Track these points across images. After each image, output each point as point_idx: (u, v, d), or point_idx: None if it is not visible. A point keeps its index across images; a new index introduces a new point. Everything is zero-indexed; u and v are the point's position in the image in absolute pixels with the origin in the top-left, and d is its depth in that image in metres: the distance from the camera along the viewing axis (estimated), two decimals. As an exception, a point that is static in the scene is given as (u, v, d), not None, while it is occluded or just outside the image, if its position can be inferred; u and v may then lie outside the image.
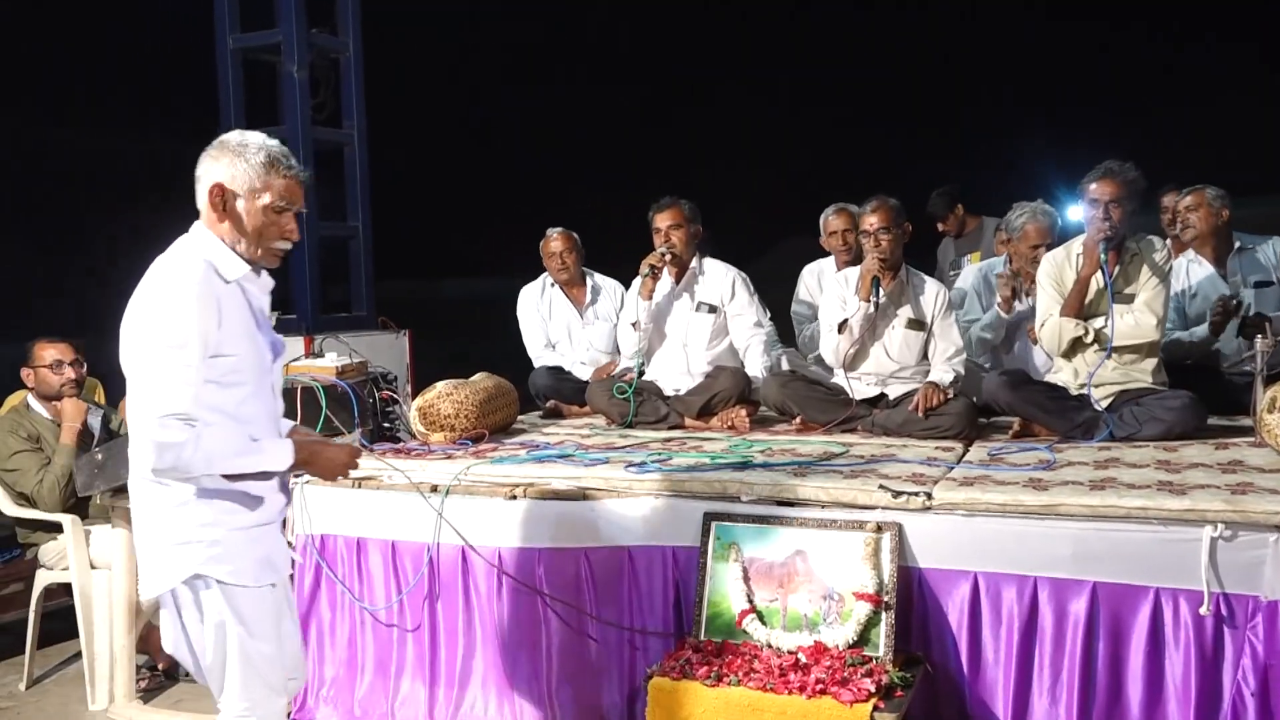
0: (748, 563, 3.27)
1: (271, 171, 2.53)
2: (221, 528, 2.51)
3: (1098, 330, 4.16)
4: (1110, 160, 4.14)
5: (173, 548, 2.50)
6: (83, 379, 4.61)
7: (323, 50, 7.55)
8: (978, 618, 3.12)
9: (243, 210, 2.52)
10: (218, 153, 2.54)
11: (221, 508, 2.51)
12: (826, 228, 5.56)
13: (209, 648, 2.55)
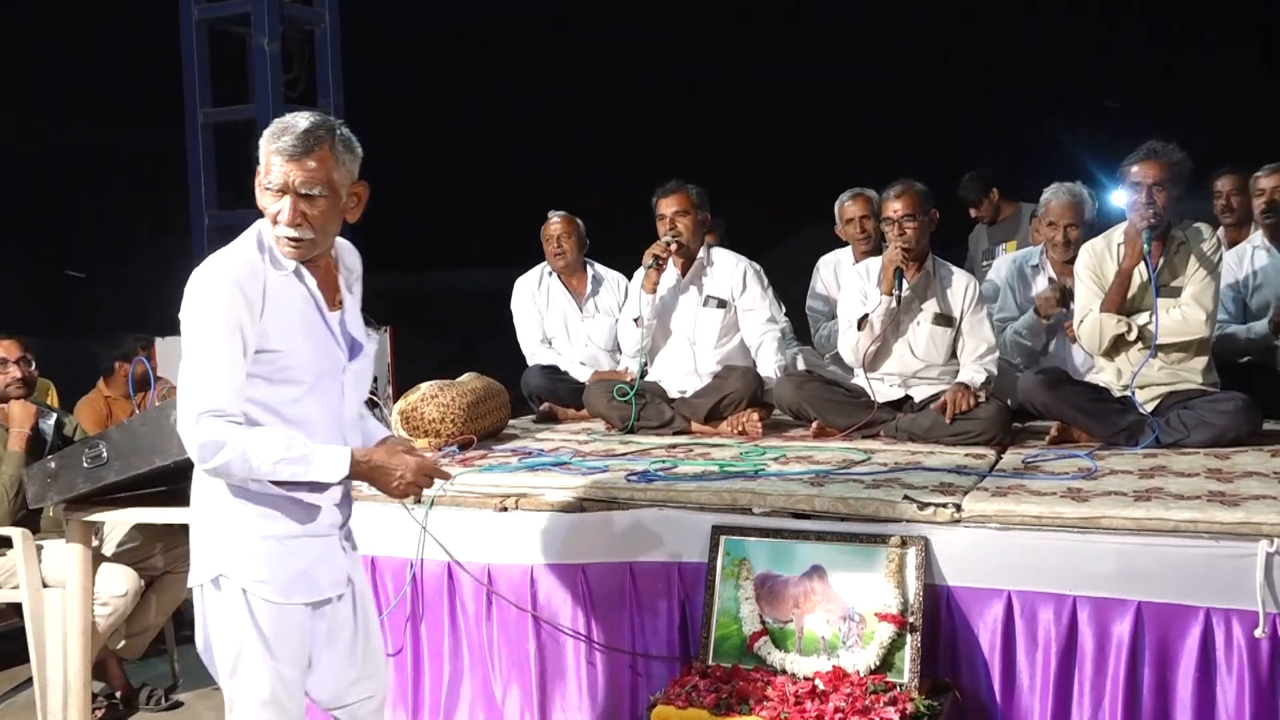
0: (760, 581, 3.26)
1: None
2: (253, 534, 2.55)
3: (1141, 327, 4.15)
4: (1153, 140, 4.12)
5: (206, 543, 2.58)
6: (31, 379, 4.60)
7: (296, 21, 7.55)
8: (1011, 640, 3.11)
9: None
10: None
11: (258, 512, 2.54)
12: (843, 215, 5.55)
13: (225, 655, 2.59)
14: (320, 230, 2.55)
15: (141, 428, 3.76)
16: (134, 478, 3.83)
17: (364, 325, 2.77)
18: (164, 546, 4.53)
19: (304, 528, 2.59)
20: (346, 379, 2.67)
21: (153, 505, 4.03)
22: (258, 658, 2.57)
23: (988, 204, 6.75)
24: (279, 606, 2.57)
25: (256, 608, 2.56)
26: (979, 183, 6.78)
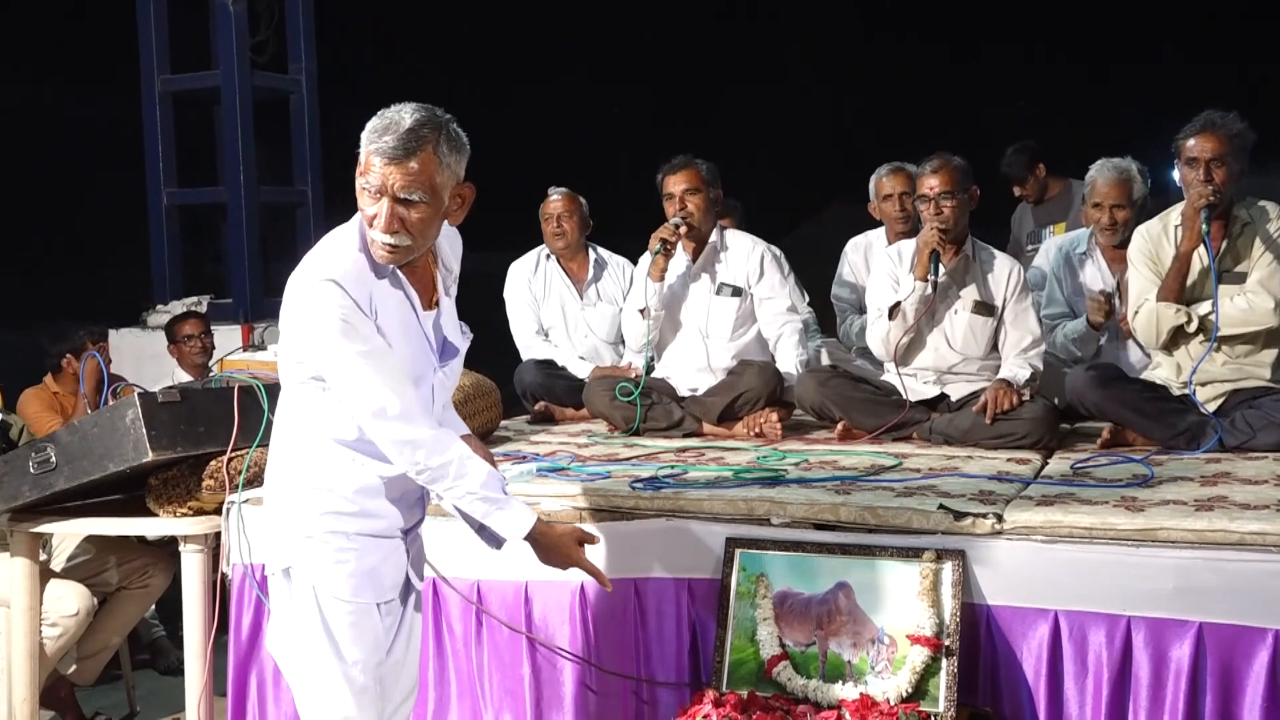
0: (779, 599, 3.27)
1: (366, 141, 2.62)
2: (321, 528, 2.71)
3: (1202, 317, 4.15)
4: (1210, 111, 4.12)
5: (280, 531, 2.78)
6: None
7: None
8: (1059, 665, 3.12)
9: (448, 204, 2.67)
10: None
11: (329, 506, 2.72)
12: (879, 190, 5.55)
13: (293, 652, 2.77)
14: (419, 236, 2.65)
15: (94, 429, 3.78)
16: (85, 485, 3.86)
17: (459, 326, 2.93)
18: (118, 560, 4.56)
19: (375, 526, 2.76)
20: (436, 380, 2.84)
21: (106, 515, 4.05)
22: (326, 657, 2.72)
23: (1033, 181, 6.72)
24: (348, 605, 2.72)
25: (326, 606, 2.72)
26: (1023, 157, 6.75)
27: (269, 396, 3.96)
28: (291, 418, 2.81)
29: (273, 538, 2.84)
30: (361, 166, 2.62)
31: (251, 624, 3.89)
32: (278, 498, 2.82)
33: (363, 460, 2.75)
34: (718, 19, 15.10)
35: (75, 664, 4.50)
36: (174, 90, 7.64)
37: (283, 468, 2.82)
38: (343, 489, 2.74)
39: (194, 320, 5.89)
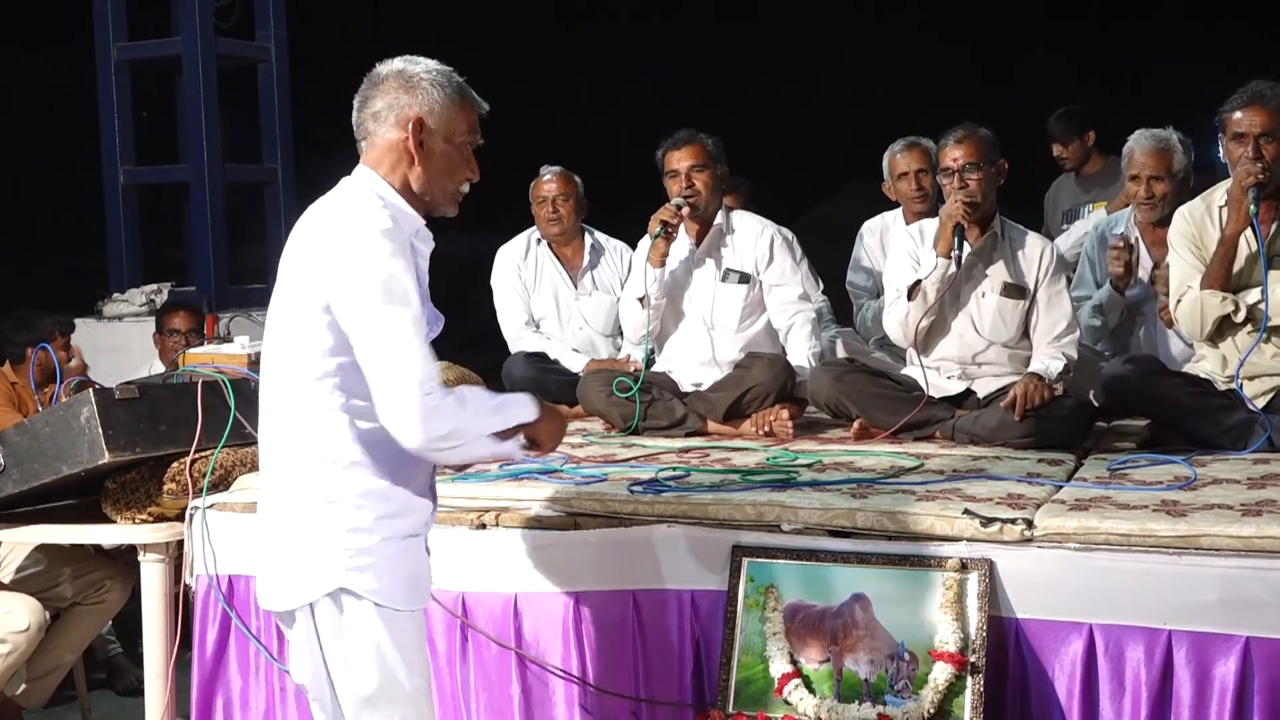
0: (790, 612, 3.28)
1: (464, 101, 2.84)
2: (374, 535, 2.72)
3: (1250, 305, 4.16)
4: (1258, 81, 4.12)
5: (314, 555, 2.72)
6: None
7: (227, -64, 7.57)
8: (1093, 684, 3.13)
9: (440, 149, 2.81)
10: (402, 83, 2.80)
11: (377, 510, 2.73)
12: (893, 169, 5.56)
13: (355, 682, 2.73)
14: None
15: (45, 429, 3.79)
16: (37, 489, 3.87)
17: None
18: (73, 573, 4.57)
19: (413, 525, 2.81)
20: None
21: (59, 523, 4.06)
22: (398, 679, 2.75)
23: (1078, 145, 6.63)
24: (405, 615, 2.76)
25: (388, 621, 2.73)
26: (1074, 119, 6.67)
27: (235, 392, 3.97)
28: (309, 417, 2.73)
29: (308, 561, 2.73)
30: (472, 122, 2.86)
31: (217, 640, 3.90)
32: (314, 511, 2.73)
33: (394, 449, 2.73)
34: (726, 17, 15.07)
35: (25, 684, 4.51)
36: (131, 59, 7.64)
37: (308, 478, 2.74)
38: (385, 487, 2.75)
39: (183, 313, 5.84)
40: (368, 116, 2.82)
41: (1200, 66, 11.43)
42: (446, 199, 2.87)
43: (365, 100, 2.83)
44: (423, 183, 2.82)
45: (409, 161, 2.80)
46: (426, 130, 2.79)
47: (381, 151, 2.81)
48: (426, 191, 2.83)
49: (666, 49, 14.82)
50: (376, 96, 2.81)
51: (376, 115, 2.81)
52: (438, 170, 2.82)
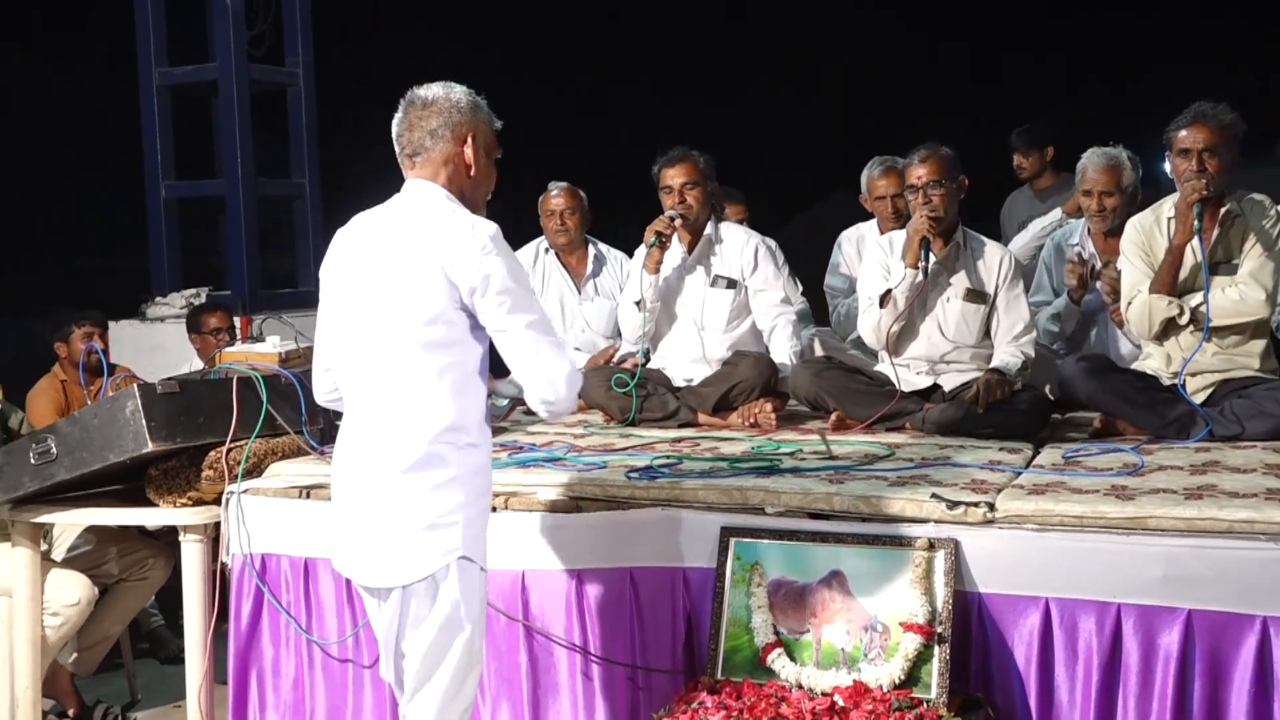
0: (773, 587, 3.28)
1: (492, 120, 3.01)
2: (477, 507, 2.87)
3: (1194, 308, 4.16)
4: (1201, 102, 4.12)
5: (432, 530, 2.78)
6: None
7: (260, -29, 7.55)
8: (1049, 652, 3.13)
9: (482, 162, 2.96)
10: (452, 104, 2.93)
11: (475, 487, 2.86)
12: (871, 190, 5.56)
13: (465, 643, 2.83)
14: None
15: (94, 420, 3.79)
16: (86, 475, 3.87)
17: None
18: (119, 551, 4.57)
19: (490, 494, 3.00)
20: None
21: (106, 506, 4.06)
22: (483, 635, 2.93)
23: (1037, 159, 6.57)
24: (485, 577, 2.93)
25: (483, 583, 2.91)
26: (1036, 135, 6.61)
27: (267, 387, 3.97)
28: (427, 404, 2.79)
29: (428, 536, 2.77)
30: (496, 140, 3.02)
31: (251, 613, 3.90)
32: (430, 488, 2.78)
33: (486, 432, 2.92)
34: (726, 18, 15.01)
35: (76, 653, 4.51)
36: (172, 83, 7.62)
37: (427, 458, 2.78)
38: (484, 463, 2.91)
39: (219, 313, 5.82)
40: (424, 134, 2.91)
41: (1200, 66, 11.32)
42: (481, 204, 2.99)
43: (418, 120, 2.92)
44: (471, 190, 2.95)
45: (465, 172, 2.93)
46: (476, 145, 2.93)
47: (438, 165, 2.91)
48: (472, 198, 2.95)
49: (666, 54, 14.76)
50: (430, 116, 2.90)
51: (433, 132, 2.90)
52: (479, 180, 2.97)
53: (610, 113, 13.64)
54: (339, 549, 2.98)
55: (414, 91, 2.97)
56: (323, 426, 4.16)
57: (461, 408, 2.82)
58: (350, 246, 2.97)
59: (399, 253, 2.83)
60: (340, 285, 2.95)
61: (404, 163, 2.98)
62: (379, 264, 2.86)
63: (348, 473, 2.91)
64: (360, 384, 2.88)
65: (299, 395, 4.04)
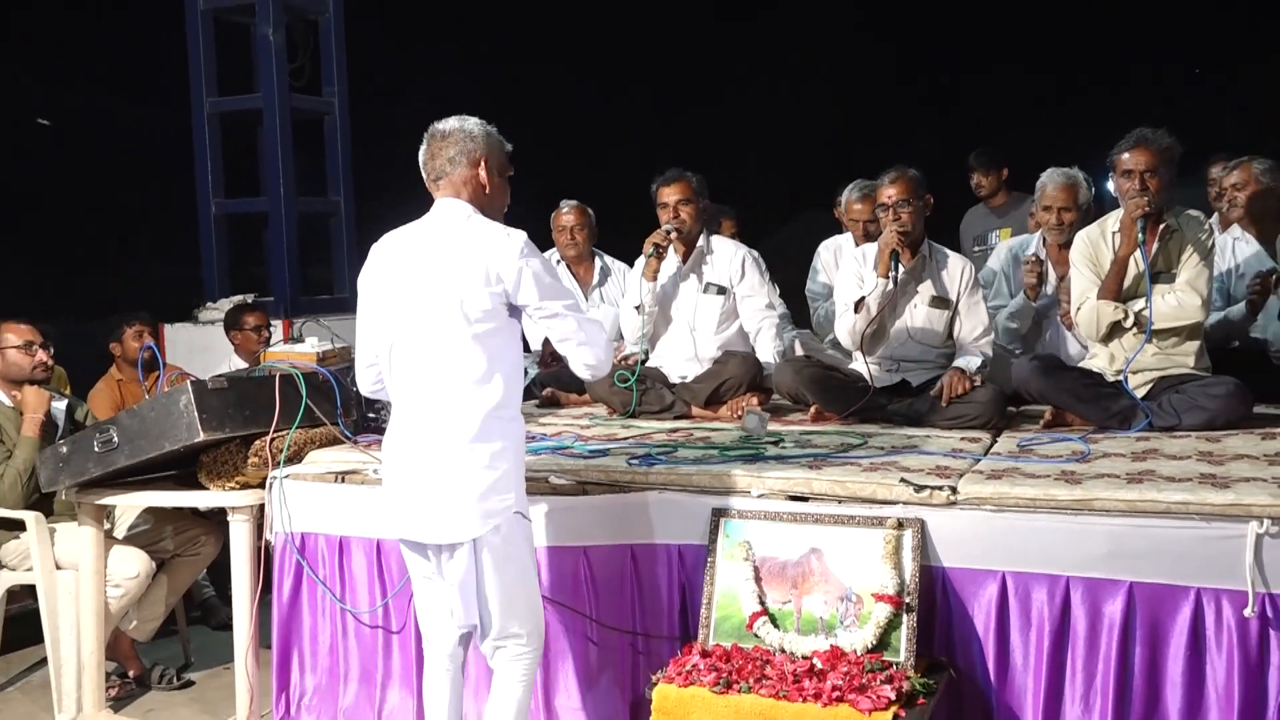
0: (759, 562, 3.29)
1: (504, 144, 3.13)
2: (519, 471, 3.07)
3: (1137, 313, 4.16)
4: (1142, 127, 4.12)
5: (492, 491, 2.96)
6: (52, 365, 4.63)
7: (299, 11, 7.55)
8: (1005, 620, 3.14)
9: (496, 182, 3.10)
10: (466, 134, 3.07)
11: (519, 454, 3.07)
12: (849, 211, 5.56)
13: (524, 586, 3.07)
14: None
15: (151, 413, 3.80)
16: (144, 462, 3.87)
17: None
18: (174, 530, 4.57)
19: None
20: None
21: (164, 489, 4.07)
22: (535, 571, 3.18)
23: (994, 178, 6.57)
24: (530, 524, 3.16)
25: (529, 531, 3.14)
26: (994, 157, 6.61)
27: (306, 384, 3.97)
28: (482, 385, 2.96)
29: (483, 501, 2.96)
30: (509, 161, 3.16)
31: (292, 585, 3.91)
32: (487, 458, 2.96)
33: (519, 406, 3.09)
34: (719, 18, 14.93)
35: (135, 621, 4.52)
36: (221, 111, 7.62)
37: (484, 430, 2.96)
38: (524, 433, 3.12)
39: (258, 313, 5.84)
40: (444, 161, 3.06)
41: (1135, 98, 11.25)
42: (498, 216, 3.13)
43: (439, 149, 3.07)
44: (488, 205, 3.09)
45: (481, 190, 3.08)
46: (489, 167, 3.06)
47: (458, 185, 3.06)
48: (489, 211, 3.09)
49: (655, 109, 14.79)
50: (449, 145, 3.06)
51: (452, 159, 3.05)
52: (494, 196, 3.11)
53: (613, 135, 13.63)
54: (402, 518, 3.07)
55: (434, 126, 3.11)
56: (355, 419, 4.16)
57: (508, 388, 3.00)
58: (393, 257, 3.09)
59: (445, 260, 2.98)
60: (387, 291, 3.07)
61: (430, 186, 3.12)
62: (427, 270, 2.99)
63: (409, 450, 3.04)
64: (418, 373, 3.00)
65: (335, 390, 4.04)
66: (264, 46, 7.35)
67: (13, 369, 4.50)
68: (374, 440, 4.07)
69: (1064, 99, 13.85)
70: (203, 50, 7.49)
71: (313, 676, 3.91)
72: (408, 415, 3.05)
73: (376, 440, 4.06)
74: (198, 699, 4.39)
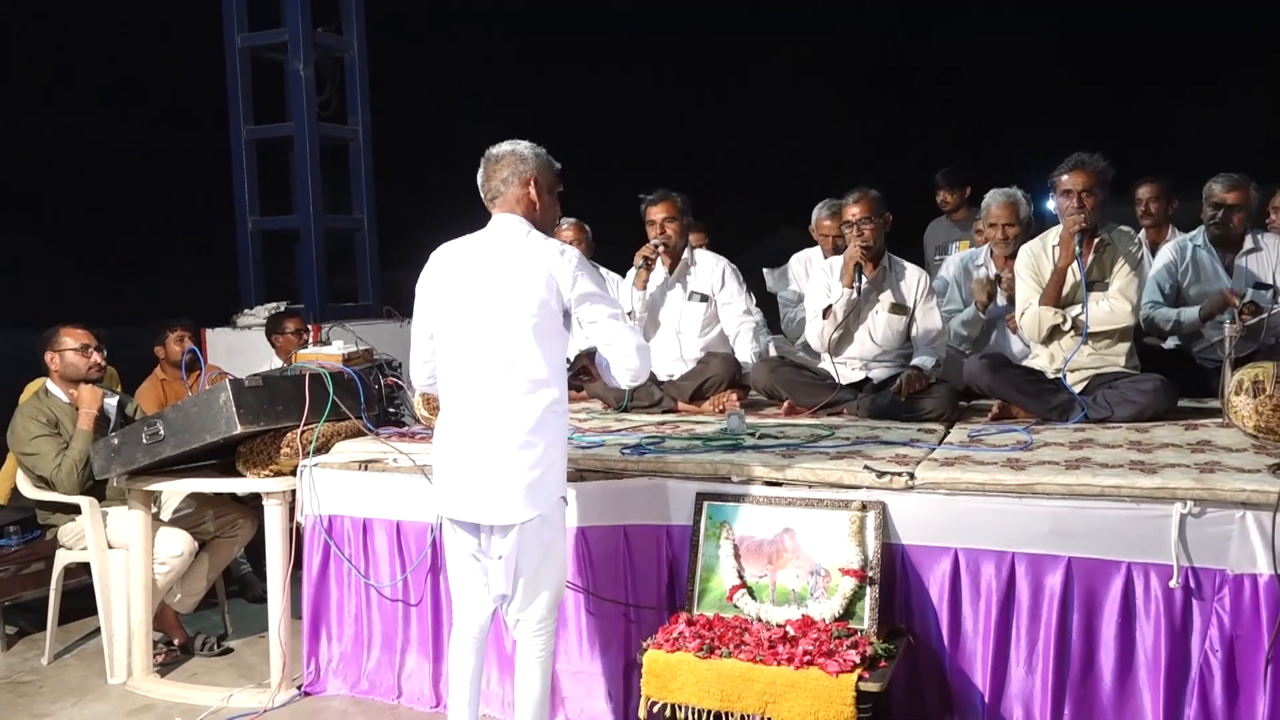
0: (738, 540, 3.29)
1: (552, 164, 3.10)
2: (563, 460, 3.05)
3: (1074, 317, 4.17)
4: (1080, 152, 4.13)
5: (545, 478, 2.95)
6: (104, 366, 4.61)
7: (327, 49, 7.53)
8: (958, 592, 3.14)
9: (545, 199, 3.07)
10: (517, 157, 3.05)
11: (563, 445, 3.05)
12: (819, 227, 5.55)
13: (560, 563, 3.05)
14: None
15: (194, 409, 3.78)
16: (187, 452, 3.86)
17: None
18: (215, 513, 4.55)
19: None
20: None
21: (205, 476, 4.05)
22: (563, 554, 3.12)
23: (958, 195, 6.53)
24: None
25: (565, 512, 3.11)
26: (960, 175, 6.57)
27: (333, 382, 3.96)
28: (540, 384, 2.95)
29: (543, 481, 2.94)
30: (558, 179, 3.13)
31: (320, 562, 3.90)
32: (541, 445, 2.93)
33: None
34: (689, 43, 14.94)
35: (180, 595, 4.50)
36: (257, 138, 7.60)
37: (540, 424, 2.94)
38: (567, 416, 3.08)
39: (297, 319, 5.81)
40: (499, 182, 3.04)
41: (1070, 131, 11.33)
42: (550, 228, 3.12)
43: (493, 171, 3.05)
44: (540, 219, 3.06)
45: (532, 208, 3.04)
46: (539, 186, 3.03)
47: (512, 204, 3.03)
48: (541, 225, 3.07)
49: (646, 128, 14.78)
50: (502, 167, 3.03)
51: (505, 180, 3.03)
52: (545, 212, 3.08)
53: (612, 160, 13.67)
54: (459, 500, 3.01)
55: (489, 150, 3.09)
56: (377, 413, 4.15)
57: (562, 387, 3.02)
58: (456, 265, 3.06)
59: (509, 270, 2.96)
60: (450, 296, 3.04)
61: (487, 204, 3.09)
62: (492, 279, 2.97)
63: (471, 440, 2.98)
64: (483, 371, 2.96)
65: (359, 388, 4.03)
66: (295, 80, 7.32)
67: (70, 369, 4.48)
68: (394, 433, 4.06)
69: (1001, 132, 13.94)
70: (240, 83, 7.47)
71: (339, 644, 3.90)
72: (469, 409, 2.98)
73: (397, 433, 4.07)
74: (236, 664, 4.38)
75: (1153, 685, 2.94)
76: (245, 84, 7.50)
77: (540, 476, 2.93)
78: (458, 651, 3.15)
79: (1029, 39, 13.69)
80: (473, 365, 2.98)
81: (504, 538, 2.97)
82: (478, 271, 3.00)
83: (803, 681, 2.85)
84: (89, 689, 4.16)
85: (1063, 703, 3.02)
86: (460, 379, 3.01)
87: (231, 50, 7.46)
